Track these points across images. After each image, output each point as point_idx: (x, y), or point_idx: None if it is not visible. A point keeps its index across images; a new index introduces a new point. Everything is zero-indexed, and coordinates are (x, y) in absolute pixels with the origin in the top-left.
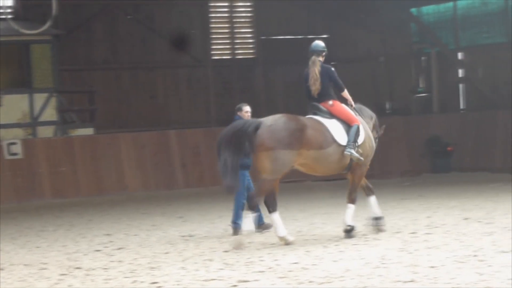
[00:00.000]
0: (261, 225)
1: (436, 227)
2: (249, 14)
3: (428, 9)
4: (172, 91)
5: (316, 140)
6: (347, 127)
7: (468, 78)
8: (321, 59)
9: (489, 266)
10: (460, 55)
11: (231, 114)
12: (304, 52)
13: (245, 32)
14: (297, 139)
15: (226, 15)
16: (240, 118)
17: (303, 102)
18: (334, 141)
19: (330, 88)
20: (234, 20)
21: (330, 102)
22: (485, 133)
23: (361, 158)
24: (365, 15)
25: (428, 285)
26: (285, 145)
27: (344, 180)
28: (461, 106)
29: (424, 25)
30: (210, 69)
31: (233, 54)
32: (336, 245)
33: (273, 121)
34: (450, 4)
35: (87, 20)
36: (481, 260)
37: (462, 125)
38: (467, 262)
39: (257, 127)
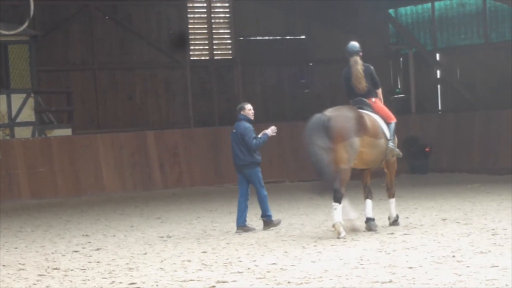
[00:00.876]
0: (241, 227)
1: (414, 227)
2: (227, 15)
3: (406, 10)
4: (150, 92)
5: (373, 129)
6: (386, 124)
7: (445, 79)
8: (359, 58)
9: (467, 266)
10: (437, 56)
11: (210, 115)
12: (282, 53)
13: (223, 33)
14: (362, 125)
15: (204, 16)
16: (245, 117)
17: (281, 102)
18: (384, 133)
19: (372, 86)
20: (212, 21)
21: (373, 99)
22: (463, 134)
23: (401, 154)
24: (343, 16)
25: (406, 285)
26: (355, 133)
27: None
28: (439, 107)
29: (402, 26)
30: (188, 70)
31: (211, 55)
32: (315, 245)
33: (339, 112)
34: (428, 5)
35: (64, 21)
36: (459, 261)
37: (439, 126)
38: (444, 263)
39: (330, 120)
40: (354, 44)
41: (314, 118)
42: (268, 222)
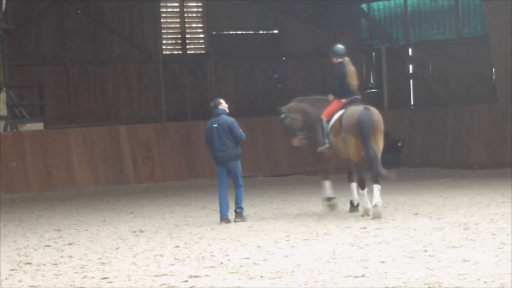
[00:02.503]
0: (225, 219)
1: (386, 222)
2: (200, 9)
3: (379, 5)
4: (123, 86)
5: None
6: None
7: (418, 74)
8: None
9: (439, 261)
10: (410, 51)
11: (182, 109)
12: (254, 47)
13: (196, 27)
14: None
15: (176, 10)
16: (224, 110)
17: (254, 97)
18: None
19: None
20: (185, 15)
21: (359, 96)
22: (435, 129)
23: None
24: (316, 10)
25: (378, 279)
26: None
27: (293, 176)
28: (411, 102)
29: (375, 21)
30: (160, 64)
31: (184, 49)
32: (287, 240)
33: (371, 108)
34: (401, 0)
35: (36, 15)
36: (431, 255)
37: (412, 121)
38: (417, 257)
39: (374, 114)
40: (341, 46)
41: (363, 113)
42: (240, 214)
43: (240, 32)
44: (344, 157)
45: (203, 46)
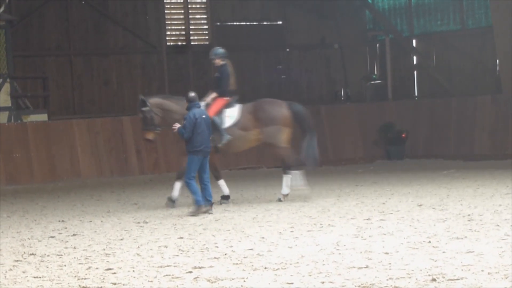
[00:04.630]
0: (203, 206)
1: (390, 213)
2: (203, 0)
3: None
4: (126, 77)
5: None
6: None
7: (422, 65)
8: None
9: (443, 252)
10: (414, 43)
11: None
12: (258, 38)
13: (200, 18)
14: None
15: (180, 1)
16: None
17: (258, 88)
18: None
19: None
20: (189, 6)
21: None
22: (439, 120)
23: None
24: (320, 1)
25: (382, 271)
26: None
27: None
28: (415, 93)
29: (378, 12)
30: (164, 55)
31: (188, 40)
32: (291, 231)
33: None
34: None
35: (40, 6)
36: (435, 246)
37: (416, 112)
38: (420, 248)
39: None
40: (221, 48)
41: (297, 107)
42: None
43: (244, 23)
44: (238, 150)
45: (207, 37)
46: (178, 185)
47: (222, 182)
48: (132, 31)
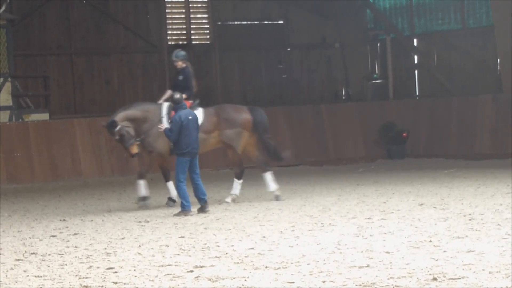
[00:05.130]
0: (190, 211)
1: (391, 212)
2: (204, 0)
3: None
4: (127, 77)
5: None
6: None
7: (423, 64)
8: None
9: (444, 251)
10: (415, 42)
11: None
12: (259, 38)
13: (201, 18)
14: None
15: (181, 0)
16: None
17: (259, 87)
18: None
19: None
20: (190, 5)
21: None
22: (440, 120)
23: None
24: (321, 1)
25: (383, 270)
26: None
27: (298, 166)
28: (416, 93)
29: (379, 11)
30: (165, 55)
31: (189, 39)
32: (292, 230)
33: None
34: None
35: (41, 5)
36: (436, 246)
37: (416, 112)
38: (421, 248)
39: None
40: (184, 51)
41: (257, 111)
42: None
43: (245, 23)
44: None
45: (208, 37)
46: (170, 184)
47: (170, 184)
48: (133, 30)
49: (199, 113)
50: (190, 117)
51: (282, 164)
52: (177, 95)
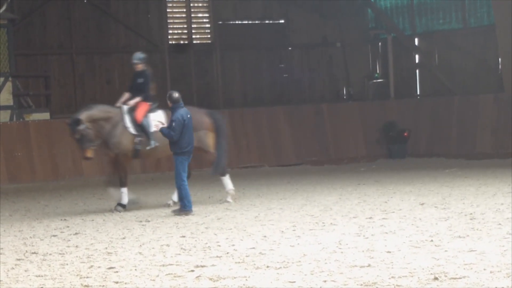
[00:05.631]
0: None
1: (392, 212)
2: None
3: None
4: (128, 76)
5: None
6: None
7: (424, 64)
8: None
9: (445, 251)
10: (416, 41)
11: (188, 99)
12: (260, 37)
13: (202, 17)
14: None
15: None
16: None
17: (260, 87)
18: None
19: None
20: (191, 4)
21: None
22: (441, 119)
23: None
24: (322, 0)
25: (384, 269)
26: None
27: (299, 166)
28: (417, 92)
29: (381, 10)
30: (166, 54)
31: (190, 39)
32: (293, 230)
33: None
34: None
35: (42, 5)
36: (437, 245)
37: (418, 111)
38: (423, 247)
39: None
40: (143, 54)
41: (216, 115)
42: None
43: (246, 22)
44: (161, 156)
45: (209, 36)
46: (119, 191)
47: (124, 190)
48: (134, 30)
49: (161, 115)
50: (188, 116)
51: (283, 164)
52: (175, 94)
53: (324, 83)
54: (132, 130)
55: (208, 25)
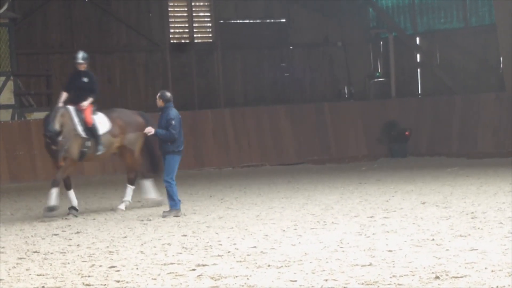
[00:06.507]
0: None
1: (394, 211)
2: None
3: None
4: (130, 75)
5: None
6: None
7: (425, 63)
8: None
9: (446, 250)
10: (417, 40)
11: (189, 98)
12: (261, 36)
13: (203, 16)
14: None
15: None
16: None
17: (261, 86)
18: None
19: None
20: (192, 3)
21: None
22: (442, 118)
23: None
24: (323, 0)
25: (386, 268)
26: None
27: (300, 165)
28: (419, 91)
29: (382, 10)
30: (168, 53)
31: (191, 38)
32: (295, 229)
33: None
34: None
35: (43, 4)
36: (438, 244)
37: (419, 110)
38: (424, 246)
39: None
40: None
41: (146, 116)
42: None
43: (247, 21)
44: (103, 158)
45: (210, 35)
46: (71, 193)
47: (71, 193)
48: (136, 29)
49: (102, 117)
50: (179, 117)
51: (284, 163)
52: (169, 93)
53: (325, 82)
54: (82, 133)
55: (209, 24)
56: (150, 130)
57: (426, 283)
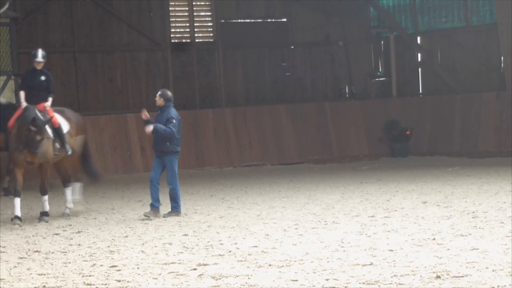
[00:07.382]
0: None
1: (395, 210)
2: None
3: None
4: (131, 75)
5: None
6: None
7: (426, 62)
8: None
9: (447, 249)
10: (418, 40)
11: (190, 98)
12: (263, 35)
13: (204, 16)
14: None
15: None
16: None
17: (262, 85)
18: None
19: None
20: (193, 3)
21: None
22: (443, 117)
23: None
24: None
25: (387, 268)
26: None
27: (301, 164)
28: (420, 90)
29: (383, 9)
30: (169, 53)
31: (192, 37)
32: (296, 228)
33: None
34: None
35: (44, 3)
36: (439, 244)
37: (420, 109)
38: (425, 246)
39: None
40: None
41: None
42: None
43: (248, 21)
44: (53, 161)
45: (211, 35)
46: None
47: (45, 199)
48: (137, 28)
49: (59, 117)
50: (179, 118)
51: (285, 162)
52: (169, 92)
53: (326, 81)
54: (51, 135)
55: (210, 24)
56: (149, 129)
57: (427, 282)
